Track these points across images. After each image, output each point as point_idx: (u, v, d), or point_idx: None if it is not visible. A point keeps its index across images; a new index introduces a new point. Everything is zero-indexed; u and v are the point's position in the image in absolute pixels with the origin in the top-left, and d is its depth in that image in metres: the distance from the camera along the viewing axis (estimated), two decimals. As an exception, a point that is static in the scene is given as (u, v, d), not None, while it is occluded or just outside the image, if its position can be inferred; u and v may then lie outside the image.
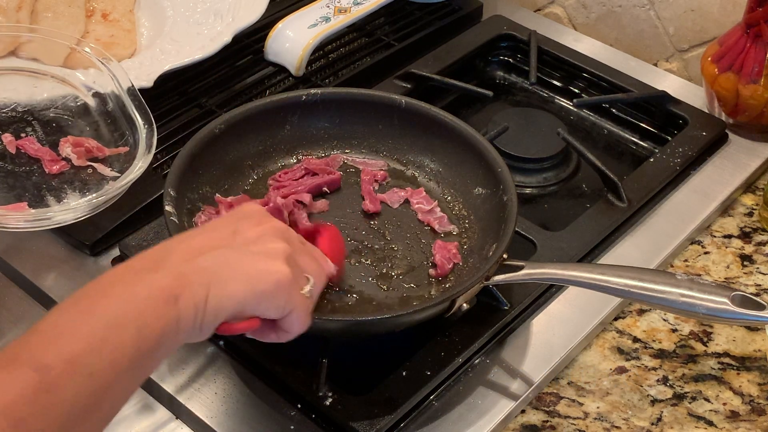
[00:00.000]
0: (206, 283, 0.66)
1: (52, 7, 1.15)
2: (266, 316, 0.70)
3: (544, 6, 1.46)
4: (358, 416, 0.83)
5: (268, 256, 0.70)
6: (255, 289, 0.68)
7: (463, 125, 1.01)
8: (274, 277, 0.69)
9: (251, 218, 0.74)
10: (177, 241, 0.70)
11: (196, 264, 0.67)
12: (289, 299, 0.70)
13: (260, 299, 0.68)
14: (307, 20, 1.23)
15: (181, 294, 0.64)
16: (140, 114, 1.00)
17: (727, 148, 1.17)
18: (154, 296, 0.63)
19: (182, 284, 0.65)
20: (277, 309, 0.70)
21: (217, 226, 0.73)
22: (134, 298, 0.63)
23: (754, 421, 0.89)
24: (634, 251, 1.03)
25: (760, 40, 1.13)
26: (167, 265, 0.66)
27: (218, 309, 0.66)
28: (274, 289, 0.69)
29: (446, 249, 0.94)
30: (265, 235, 0.72)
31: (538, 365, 0.91)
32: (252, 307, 0.68)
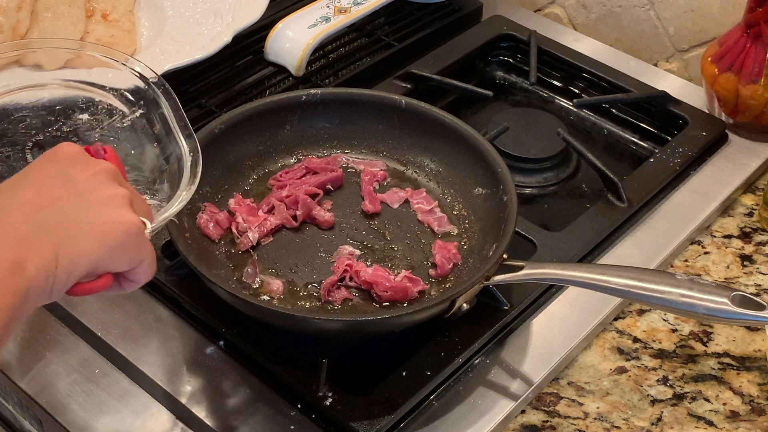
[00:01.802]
0: (53, 242, 0.60)
1: (52, 7, 1.15)
2: (118, 269, 0.66)
3: (544, 6, 1.46)
4: (358, 416, 0.83)
5: (112, 204, 0.65)
6: (107, 243, 0.63)
7: (463, 125, 1.01)
8: (123, 227, 0.64)
9: (77, 161, 0.67)
10: (5, 197, 0.63)
11: (37, 221, 0.61)
12: (139, 249, 0.66)
13: (113, 253, 0.64)
14: (307, 20, 1.23)
15: (26, 259, 0.58)
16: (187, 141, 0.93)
17: (727, 148, 1.17)
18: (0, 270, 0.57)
19: (26, 248, 0.59)
20: (129, 260, 0.66)
21: (44, 173, 0.66)
22: None
23: (754, 421, 0.89)
24: (634, 251, 1.03)
25: (760, 40, 1.13)
26: (3, 227, 0.60)
27: (71, 270, 0.61)
28: (125, 239, 0.64)
29: (446, 249, 0.94)
30: (101, 180, 0.66)
31: (538, 365, 0.91)
32: (105, 262, 0.64)
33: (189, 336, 0.92)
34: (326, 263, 0.93)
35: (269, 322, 0.86)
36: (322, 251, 0.95)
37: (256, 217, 0.96)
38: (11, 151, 0.94)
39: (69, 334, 0.93)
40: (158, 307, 0.94)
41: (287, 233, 0.97)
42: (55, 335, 0.93)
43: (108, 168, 0.68)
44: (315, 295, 0.90)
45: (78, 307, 0.94)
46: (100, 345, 0.91)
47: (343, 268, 0.91)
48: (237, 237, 0.95)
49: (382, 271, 0.91)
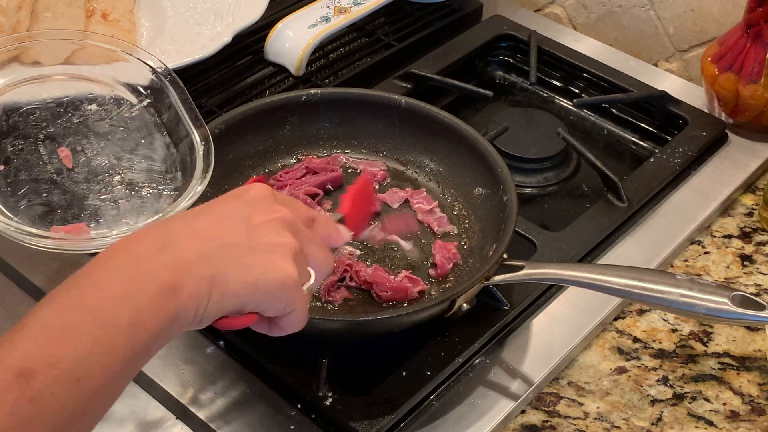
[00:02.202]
0: (210, 276, 0.62)
1: (52, 7, 1.15)
2: (265, 314, 0.68)
3: (544, 6, 1.46)
4: (358, 416, 0.83)
5: (275, 252, 0.66)
6: (259, 288, 0.65)
7: (463, 125, 1.01)
8: (279, 276, 0.66)
9: (260, 204, 0.69)
10: (181, 222, 0.66)
11: (202, 252, 0.63)
12: (290, 300, 0.68)
13: (263, 299, 0.66)
14: (307, 20, 1.23)
15: (182, 287, 0.60)
16: (198, 130, 0.93)
17: (727, 148, 1.17)
18: (151, 291, 0.59)
19: (183, 277, 0.61)
20: (277, 309, 0.68)
21: (224, 209, 0.68)
22: (129, 293, 0.59)
23: (754, 421, 0.89)
24: (634, 251, 1.03)
25: (760, 40, 1.13)
26: (168, 253, 0.62)
27: (220, 305, 0.63)
28: (278, 290, 0.66)
29: (446, 249, 0.94)
30: (274, 227, 0.68)
31: (538, 365, 0.91)
32: (253, 305, 0.66)
33: (189, 336, 0.92)
34: (326, 263, 0.93)
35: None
36: (322, 251, 0.95)
37: (256, 217, 0.96)
38: (24, 143, 0.94)
39: (69, 334, 0.93)
40: (158, 307, 0.94)
41: (287, 233, 0.97)
42: (55, 335, 0.93)
43: (285, 216, 0.69)
44: (315, 295, 0.90)
45: (78, 307, 0.94)
46: (100, 345, 0.91)
47: (343, 268, 0.91)
48: (237, 237, 0.94)
49: (382, 271, 0.91)
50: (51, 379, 0.54)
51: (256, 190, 0.71)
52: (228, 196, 0.70)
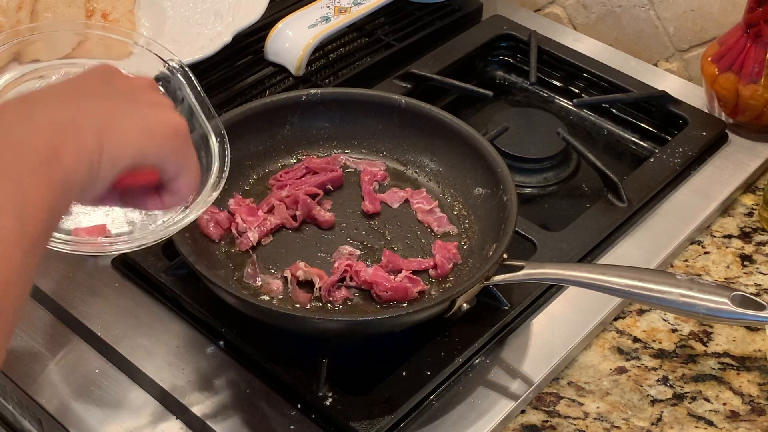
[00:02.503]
0: (96, 128, 0.56)
1: (52, 7, 1.15)
2: (165, 168, 0.63)
3: (544, 6, 1.46)
4: (358, 416, 0.83)
5: (157, 106, 0.63)
6: (154, 135, 0.60)
7: (463, 125, 1.01)
8: (172, 124, 0.62)
9: (115, 74, 0.64)
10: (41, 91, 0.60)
11: (78, 107, 0.57)
12: (186, 152, 0.64)
13: (160, 147, 0.61)
14: (307, 20, 1.23)
15: (63, 149, 0.54)
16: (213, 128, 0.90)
17: (727, 148, 1.17)
18: (30, 162, 0.53)
19: (64, 136, 0.55)
20: (176, 162, 0.63)
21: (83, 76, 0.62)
22: (5, 168, 0.52)
23: (754, 421, 0.89)
24: (634, 251, 1.03)
25: (760, 40, 1.13)
26: (35, 118, 0.55)
27: (116, 156, 0.57)
28: (173, 137, 0.62)
29: (446, 249, 0.94)
30: (144, 88, 0.64)
31: (538, 365, 0.91)
32: (152, 156, 0.61)
33: (189, 336, 0.92)
34: (326, 263, 0.93)
35: (269, 322, 0.86)
36: (322, 251, 0.95)
37: (256, 217, 0.96)
38: None
39: (69, 335, 0.93)
40: (158, 307, 0.94)
41: (287, 233, 0.97)
42: (55, 335, 0.93)
43: (150, 81, 0.66)
44: (315, 296, 0.90)
45: (78, 307, 0.94)
46: (101, 345, 0.91)
47: (343, 268, 0.91)
48: (237, 237, 0.95)
49: (382, 271, 0.91)
50: None
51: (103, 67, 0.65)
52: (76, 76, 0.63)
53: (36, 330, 0.93)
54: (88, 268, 0.97)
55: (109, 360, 0.91)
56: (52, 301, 0.94)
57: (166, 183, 0.65)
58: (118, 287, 0.96)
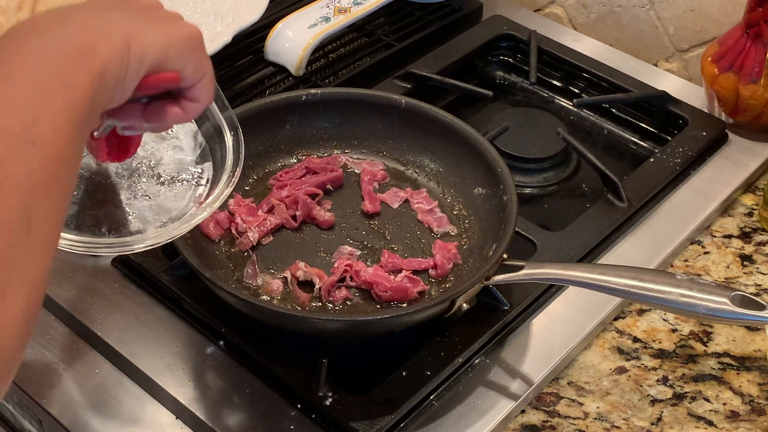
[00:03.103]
0: (122, 32, 0.62)
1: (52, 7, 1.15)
2: (185, 72, 0.68)
3: (544, 6, 1.46)
4: (358, 416, 0.83)
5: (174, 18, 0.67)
6: (174, 38, 0.65)
7: (463, 125, 1.01)
8: (188, 31, 0.67)
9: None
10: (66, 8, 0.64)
11: (105, 16, 0.63)
12: (203, 56, 0.68)
13: (180, 49, 0.66)
14: (307, 20, 1.23)
15: (97, 44, 0.60)
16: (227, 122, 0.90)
17: (727, 148, 1.17)
18: (71, 53, 0.59)
19: (96, 36, 0.60)
20: (196, 65, 0.68)
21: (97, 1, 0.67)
22: (50, 59, 0.58)
23: (754, 421, 0.89)
24: (634, 251, 1.03)
25: (760, 40, 1.13)
26: (71, 21, 0.61)
27: (142, 56, 0.63)
28: (191, 43, 0.67)
29: (446, 249, 0.94)
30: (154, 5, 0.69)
31: (538, 365, 0.91)
32: (174, 57, 0.66)
33: (189, 336, 0.92)
34: (326, 263, 0.93)
35: (269, 322, 0.86)
36: (322, 251, 0.95)
37: (256, 217, 0.96)
38: None
39: (69, 335, 0.93)
40: (158, 307, 0.94)
41: (287, 233, 0.97)
42: (55, 335, 0.93)
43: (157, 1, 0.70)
44: (315, 296, 0.90)
45: (78, 307, 0.94)
46: (100, 345, 0.91)
47: (343, 268, 0.91)
48: (237, 237, 0.95)
49: (382, 271, 0.91)
50: (5, 148, 0.54)
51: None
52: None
53: (36, 331, 0.93)
54: (88, 268, 0.97)
55: (108, 360, 0.91)
56: (51, 301, 0.94)
57: (186, 91, 0.70)
58: (118, 287, 0.96)
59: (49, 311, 0.95)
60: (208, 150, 0.91)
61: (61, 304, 0.94)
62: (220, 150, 0.88)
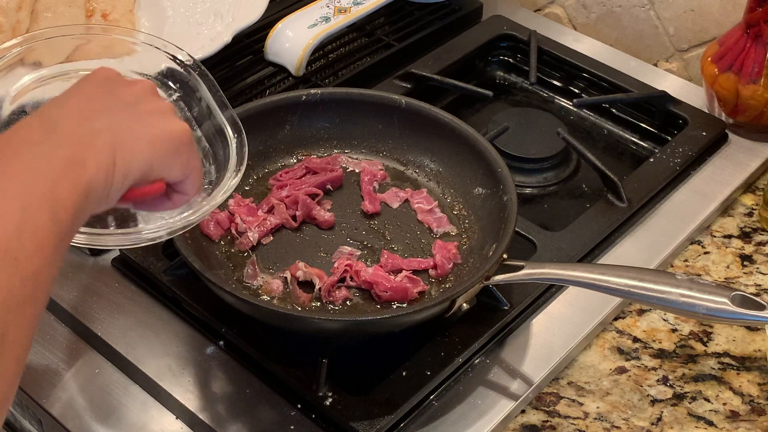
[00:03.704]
0: (109, 144, 0.62)
1: (52, 7, 1.15)
2: (171, 177, 0.68)
3: (544, 6, 1.46)
4: (358, 416, 0.83)
5: (159, 113, 0.67)
6: (160, 147, 0.65)
7: (463, 125, 1.01)
8: (175, 131, 0.67)
9: (116, 80, 0.70)
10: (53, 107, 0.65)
11: (91, 126, 0.63)
12: (190, 156, 0.69)
13: (165, 157, 0.66)
14: (307, 20, 1.23)
15: (85, 159, 0.60)
16: (230, 123, 0.91)
17: (727, 148, 1.17)
18: (60, 167, 0.59)
19: (84, 149, 0.61)
20: (182, 167, 0.68)
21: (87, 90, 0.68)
22: (39, 173, 0.58)
23: (754, 421, 0.89)
24: (634, 251, 1.03)
25: (760, 40, 1.13)
26: (60, 132, 0.61)
27: (126, 171, 0.63)
28: (178, 145, 0.67)
29: (446, 249, 0.94)
30: (146, 95, 0.69)
31: (538, 365, 0.91)
32: (158, 166, 0.66)
33: (189, 336, 0.92)
34: (326, 263, 0.93)
35: (269, 322, 0.86)
36: (322, 251, 0.95)
37: (256, 217, 0.96)
38: None
39: (69, 335, 0.93)
40: (158, 307, 0.94)
41: (287, 233, 0.97)
42: (55, 335, 0.93)
43: (149, 84, 0.70)
44: (315, 296, 0.90)
45: (78, 307, 0.94)
46: (100, 345, 0.91)
47: (343, 268, 0.91)
48: (237, 237, 0.95)
49: (382, 271, 0.91)
50: None
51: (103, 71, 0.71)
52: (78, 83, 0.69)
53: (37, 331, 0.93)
54: (89, 268, 0.97)
55: (109, 360, 0.91)
56: (51, 301, 0.94)
57: (174, 184, 0.70)
58: (118, 287, 0.96)
59: (50, 311, 0.95)
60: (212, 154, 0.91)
61: (61, 305, 0.94)
62: (223, 149, 0.89)
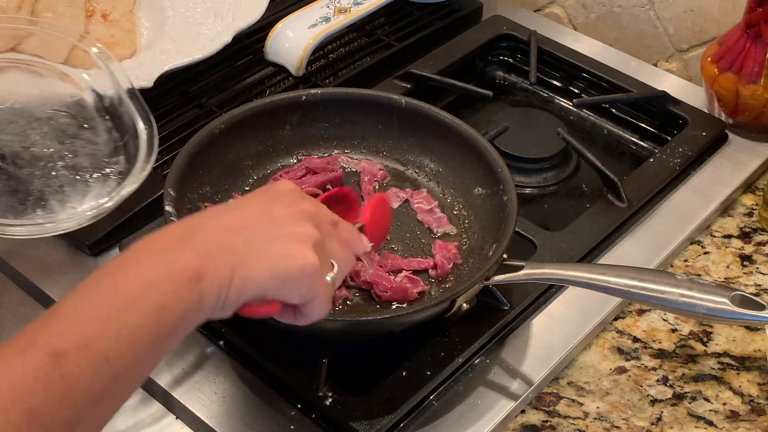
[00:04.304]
0: (231, 263, 0.65)
1: (52, 7, 1.15)
2: (288, 301, 0.69)
3: (544, 6, 1.46)
4: (358, 416, 0.83)
5: (296, 240, 0.69)
6: (279, 274, 0.67)
7: (463, 125, 1.01)
8: (299, 263, 0.68)
9: (284, 198, 0.72)
10: (208, 216, 0.69)
11: (222, 243, 0.66)
12: (312, 287, 0.69)
13: (283, 284, 0.67)
14: (307, 20, 1.23)
15: (204, 273, 0.63)
16: (140, 114, 0.96)
17: (727, 148, 1.17)
18: (177, 277, 0.62)
19: (206, 263, 0.63)
20: (299, 295, 0.69)
21: (249, 204, 0.72)
22: (156, 279, 0.62)
23: (754, 421, 0.89)
24: (634, 251, 1.03)
25: (760, 40, 1.13)
26: (193, 243, 0.65)
27: (241, 291, 0.65)
28: (298, 276, 0.68)
29: (446, 249, 0.94)
30: (296, 218, 0.70)
31: (538, 365, 0.91)
32: (275, 291, 0.68)
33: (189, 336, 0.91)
34: (326, 263, 0.93)
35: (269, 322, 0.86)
36: (322, 251, 0.95)
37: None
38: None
39: (69, 334, 0.93)
40: (158, 307, 0.94)
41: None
42: (55, 335, 0.93)
43: (308, 208, 0.72)
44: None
45: (78, 307, 0.94)
46: (100, 345, 0.91)
47: None
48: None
49: (382, 271, 0.91)
50: (82, 359, 0.57)
51: (283, 186, 0.74)
52: (256, 192, 0.74)
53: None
54: (89, 267, 0.97)
55: (109, 360, 0.91)
56: (51, 301, 0.94)
57: (297, 305, 0.71)
58: (118, 287, 0.96)
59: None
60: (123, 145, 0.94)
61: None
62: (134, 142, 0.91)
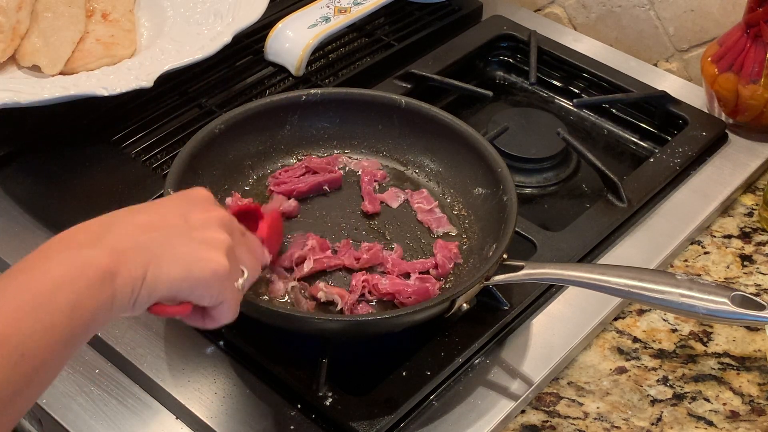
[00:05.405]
0: (144, 262, 0.66)
1: (52, 7, 1.15)
2: (198, 303, 0.71)
3: (544, 6, 1.46)
4: (358, 416, 0.83)
5: (209, 245, 0.70)
6: (191, 275, 0.68)
7: (463, 125, 1.01)
8: (211, 266, 0.69)
9: (199, 204, 0.74)
10: (124, 214, 0.70)
11: (137, 241, 0.67)
12: (222, 290, 0.71)
13: (195, 286, 0.69)
14: (307, 20, 1.23)
15: (118, 271, 0.64)
16: None
17: (727, 148, 1.17)
18: (90, 275, 0.63)
19: (120, 261, 0.65)
20: (210, 298, 0.71)
21: (166, 206, 0.73)
22: (69, 277, 0.62)
23: (754, 421, 0.89)
24: (634, 251, 1.03)
25: (760, 40, 1.13)
26: (107, 240, 0.66)
27: (152, 289, 0.66)
28: (210, 279, 0.69)
29: (447, 248, 0.94)
30: (210, 224, 0.72)
31: (538, 365, 0.91)
32: (186, 292, 0.69)
33: (189, 336, 0.92)
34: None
35: (269, 322, 0.86)
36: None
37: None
38: None
39: (69, 334, 0.93)
40: (158, 307, 0.94)
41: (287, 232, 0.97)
42: (55, 335, 0.93)
43: (222, 215, 0.74)
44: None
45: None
46: (101, 345, 0.91)
47: (362, 284, 0.90)
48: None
49: (397, 278, 0.91)
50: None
51: (199, 192, 0.77)
52: (172, 196, 0.76)
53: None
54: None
55: (109, 360, 0.91)
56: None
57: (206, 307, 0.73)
58: (118, 287, 0.96)
59: None
60: None
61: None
62: None
